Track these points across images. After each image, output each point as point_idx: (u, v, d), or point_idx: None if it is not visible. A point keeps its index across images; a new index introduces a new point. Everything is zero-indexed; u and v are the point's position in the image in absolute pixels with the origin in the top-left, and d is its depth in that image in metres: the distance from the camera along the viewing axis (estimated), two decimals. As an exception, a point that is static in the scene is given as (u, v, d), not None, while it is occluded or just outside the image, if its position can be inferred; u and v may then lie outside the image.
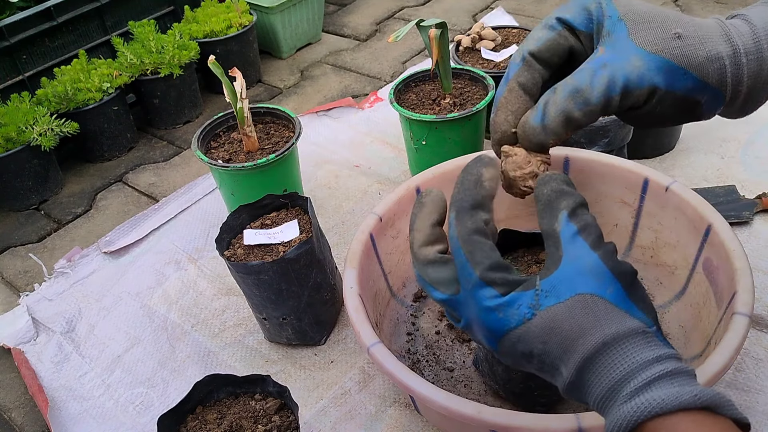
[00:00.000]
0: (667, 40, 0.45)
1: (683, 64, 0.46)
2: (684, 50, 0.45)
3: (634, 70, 0.46)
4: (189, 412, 0.72)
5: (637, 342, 0.42)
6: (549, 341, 0.44)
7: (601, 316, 0.43)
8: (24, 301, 1.02)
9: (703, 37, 0.46)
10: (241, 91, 0.99)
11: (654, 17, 0.46)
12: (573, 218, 0.45)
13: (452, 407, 0.61)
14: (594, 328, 0.43)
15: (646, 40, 0.46)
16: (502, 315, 0.44)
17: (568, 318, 0.43)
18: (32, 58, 1.33)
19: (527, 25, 1.55)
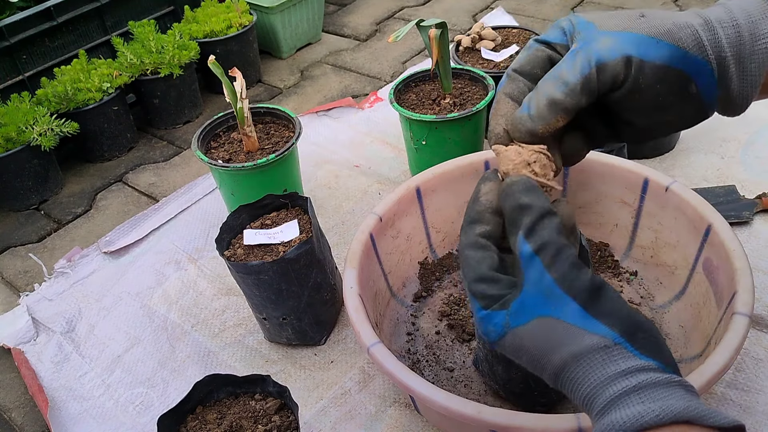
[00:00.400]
0: (633, 20, 0.48)
1: (652, 34, 0.47)
2: (650, 23, 0.47)
3: (604, 46, 0.47)
4: (189, 412, 0.72)
5: (596, 359, 0.42)
6: (521, 357, 0.45)
7: (558, 337, 0.43)
8: (24, 301, 1.02)
9: (669, 15, 0.47)
10: (241, 91, 0.99)
11: (618, 13, 0.49)
12: (530, 237, 0.45)
13: (452, 407, 0.61)
14: (553, 350, 0.43)
15: (612, 24, 0.48)
16: (485, 329, 0.46)
17: (531, 340, 0.44)
18: (32, 58, 1.33)
19: (527, 25, 1.55)
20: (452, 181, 0.91)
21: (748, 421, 0.74)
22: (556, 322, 0.43)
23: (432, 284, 0.92)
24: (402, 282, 0.91)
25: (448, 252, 0.96)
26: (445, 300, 0.90)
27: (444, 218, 0.93)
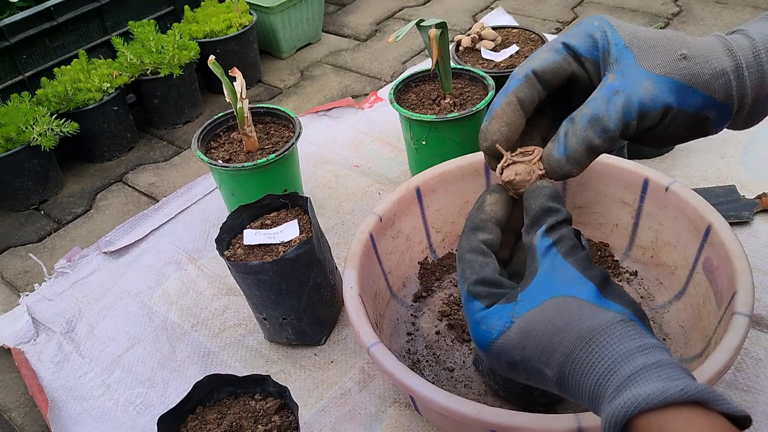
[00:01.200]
0: (674, 61, 0.47)
1: (692, 83, 0.47)
2: (691, 69, 0.47)
3: (647, 94, 0.47)
4: (189, 412, 0.72)
5: (615, 333, 0.42)
6: (527, 346, 0.45)
7: (574, 313, 0.43)
8: (24, 301, 1.02)
9: (707, 55, 0.47)
10: (241, 91, 0.99)
11: (658, 41, 0.48)
12: (549, 233, 0.47)
13: (452, 407, 0.61)
14: (569, 326, 0.43)
15: (654, 63, 0.47)
16: (486, 327, 0.46)
17: (543, 320, 0.44)
18: (32, 58, 1.33)
19: (527, 25, 1.55)
20: (452, 181, 0.91)
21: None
22: (572, 300, 0.44)
23: (432, 284, 0.92)
24: (402, 282, 0.91)
25: (448, 252, 0.96)
26: (445, 300, 0.90)
27: (444, 218, 0.93)
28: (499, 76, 1.11)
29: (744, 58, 0.47)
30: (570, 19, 1.64)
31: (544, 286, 0.45)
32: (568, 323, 0.43)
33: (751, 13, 1.55)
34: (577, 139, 0.48)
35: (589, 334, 0.42)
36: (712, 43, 0.48)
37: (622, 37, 0.48)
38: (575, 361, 0.42)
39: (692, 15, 1.58)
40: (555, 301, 0.44)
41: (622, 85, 0.47)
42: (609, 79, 0.48)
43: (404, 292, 0.91)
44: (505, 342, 0.45)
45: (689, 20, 1.56)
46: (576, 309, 0.43)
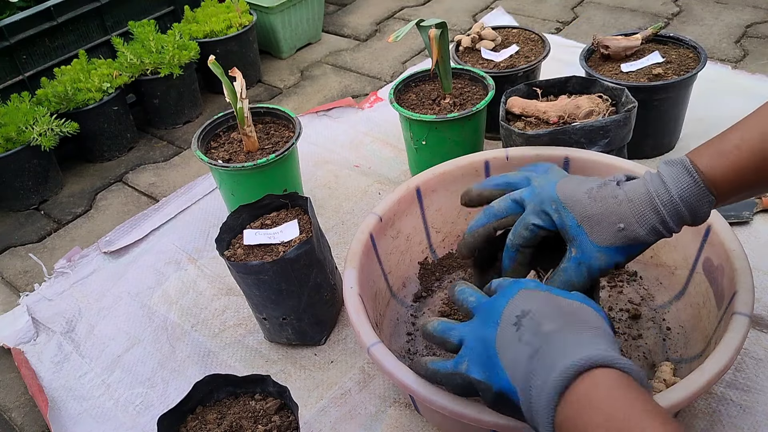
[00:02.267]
0: (615, 233, 0.62)
1: (631, 243, 0.63)
2: (628, 235, 0.62)
3: (602, 261, 0.64)
4: (189, 412, 0.72)
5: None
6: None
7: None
8: (24, 301, 1.02)
9: (639, 221, 0.62)
10: (241, 91, 0.99)
11: (602, 219, 0.63)
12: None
13: (453, 407, 0.61)
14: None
15: (601, 238, 0.63)
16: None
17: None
18: (32, 58, 1.33)
19: (527, 25, 1.55)
20: (452, 182, 0.91)
21: (748, 421, 0.74)
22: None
23: (432, 284, 0.92)
24: (402, 282, 0.91)
25: (448, 252, 0.95)
26: (445, 300, 0.90)
27: (444, 218, 0.93)
28: (498, 76, 1.11)
29: (667, 212, 0.61)
30: (570, 19, 1.64)
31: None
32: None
33: (751, 13, 1.55)
34: (553, 284, 0.65)
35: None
36: (642, 205, 0.62)
37: (574, 217, 0.64)
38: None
39: (692, 15, 1.58)
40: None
41: (583, 258, 0.64)
42: (572, 252, 0.65)
43: (404, 292, 0.91)
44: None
45: (689, 20, 1.56)
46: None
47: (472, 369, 0.55)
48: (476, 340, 0.56)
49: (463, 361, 0.57)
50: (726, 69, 1.34)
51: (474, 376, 0.55)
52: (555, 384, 0.47)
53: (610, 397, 0.45)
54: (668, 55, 1.11)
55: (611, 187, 0.64)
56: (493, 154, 0.90)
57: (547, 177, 0.70)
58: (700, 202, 0.61)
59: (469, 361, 0.56)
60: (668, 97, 1.06)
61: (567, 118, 0.94)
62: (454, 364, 0.58)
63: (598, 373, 0.46)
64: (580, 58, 1.13)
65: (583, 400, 0.46)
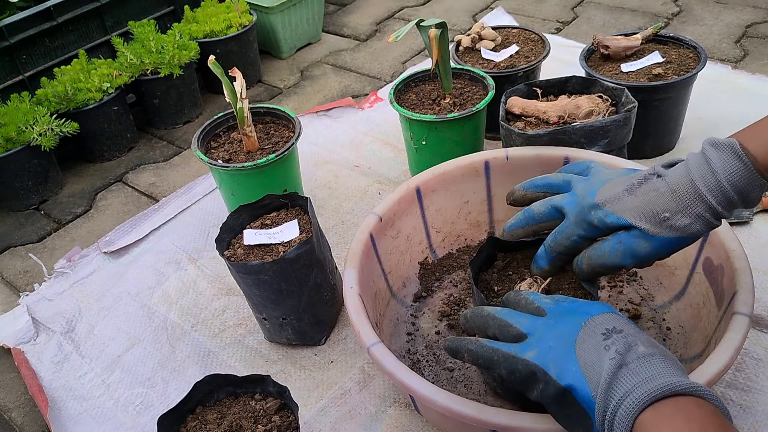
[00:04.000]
0: (659, 223, 0.61)
1: (674, 234, 0.61)
2: (672, 225, 0.60)
3: (642, 249, 0.62)
4: (189, 412, 0.72)
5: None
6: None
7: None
8: (24, 301, 1.02)
9: (683, 209, 0.60)
10: (241, 91, 0.99)
11: (647, 210, 0.61)
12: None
13: (453, 407, 0.61)
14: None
15: (645, 225, 0.61)
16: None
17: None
18: (32, 58, 1.33)
19: (527, 25, 1.55)
20: (452, 182, 0.91)
21: (748, 421, 0.74)
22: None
23: (432, 284, 0.92)
24: (402, 282, 0.91)
25: (448, 252, 0.95)
26: (445, 300, 0.90)
27: (444, 218, 0.93)
28: (498, 76, 1.11)
29: (714, 198, 0.58)
30: (570, 19, 1.64)
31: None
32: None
33: (751, 13, 1.55)
34: (586, 263, 0.67)
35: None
36: (687, 194, 0.60)
37: (617, 215, 0.63)
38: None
39: (692, 15, 1.58)
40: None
41: (624, 239, 0.63)
42: (613, 235, 0.64)
43: (404, 292, 0.91)
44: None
45: (689, 20, 1.56)
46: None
47: (541, 359, 0.54)
48: (552, 334, 0.56)
49: (530, 349, 0.56)
50: (726, 69, 1.34)
51: (541, 366, 0.54)
52: (647, 395, 0.47)
53: (699, 420, 0.46)
54: (668, 55, 1.11)
55: (652, 181, 0.62)
56: (493, 154, 0.91)
57: (589, 182, 0.68)
58: (751, 187, 0.58)
59: (539, 352, 0.55)
60: (668, 97, 1.06)
61: (567, 118, 0.94)
62: (520, 349, 0.56)
63: (690, 399, 0.47)
64: (580, 58, 1.13)
65: (674, 415, 0.47)
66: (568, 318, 0.57)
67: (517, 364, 0.56)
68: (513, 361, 0.56)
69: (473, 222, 0.95)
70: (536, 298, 0.62)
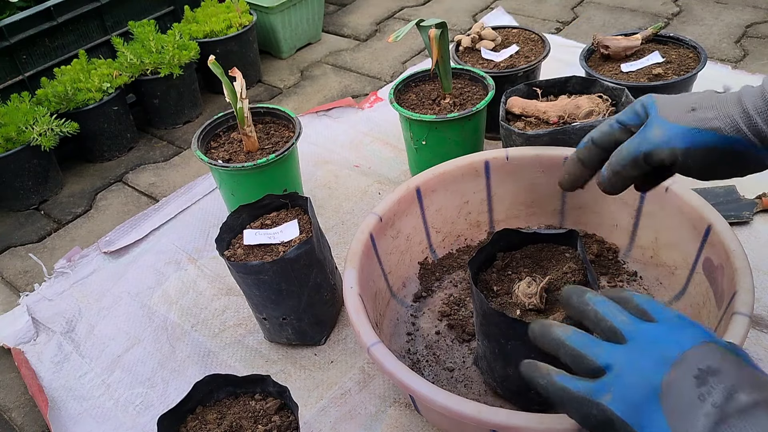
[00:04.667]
0: (684, 113, 0.60)
1: (697, 126, 0.59)
2: (696, 116, 0.59)
3: (656, 138, 0.61)
4: (189, 412, 0.72)
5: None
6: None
7: None
8: (24, 301, 1.02)
9: (714, 105, 0.59)
10: (241, 91, 0.99)
11: (678, 100, 0.61)
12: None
13: (453, 407, 0.61)
14: None
15: (668, 114, 0.61)
16: None
17: None
18: (32, 58, 1.33)
19: (527, 25, 1.55)
20: (452, 182, 0.91)
21: (748, 421, 0.73)
22: None
23: (432, 284, 0.92)
24: (402, 282, 0.91)
25: (447, 252, 0.95)
26: (445, 300, 0.90)
27: (444, 218, 0.93)
28: (499, 76, 1.11)
29: (752, 104, 0.58)
30: (570, 19, 1.64)
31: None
32: None
33: (751, 13, 1.55)
34: (609, 167, 0.66)
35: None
36: (727, 97, 0.59)
37: (655, 104, 0.63)
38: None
39: (692, 15, 1.58)
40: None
41: (641, 132, 0.63)
42: (640, 128, 0.64)
43: (404, 292, 0.91)
44: None
45: (689, 20, 1.56)
46: None
47: (619, 405, 0.45)
48: (633, 372, 0.46)
49: (607, 392, 0.46)
50: (726, 69, 1.34)
51: (619, 415, 0.45)
52: None
53: None
54: (668, 55, 1.11)
55: (705, 91, 0.62)
56: (493, 154, 0.91)
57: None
58: None
59: (617, 395, 0.46)
60: (668, 97, 1.06)
61: (567, 118, 0.94)
62: (595, 391, 0.47)
63: None
64: (580, 58, 1.13)
65: None
66: (654, 350, 0.47)
67: (591, 409, 0.47)
68: (584, 404, 0.47)
69: (473, 222, 0.95)
70: (610, 313, 0.50)
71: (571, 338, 0.50)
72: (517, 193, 0.93)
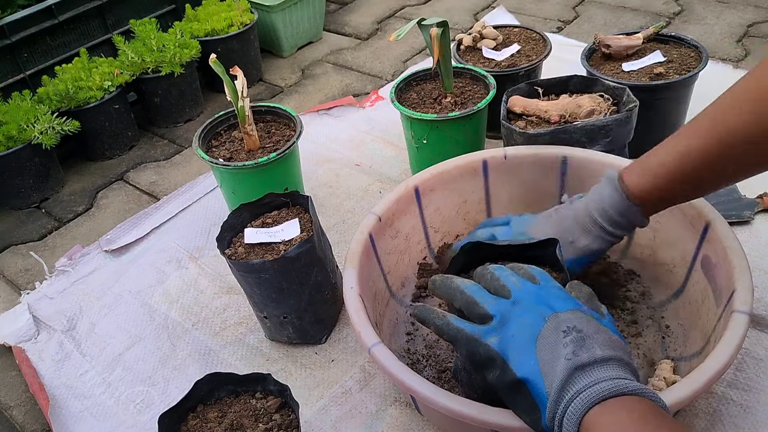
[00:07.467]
0: (567, 246, 0.74)
1: (584, 254, 0.76)
2: (578, 247, 0.75)
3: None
4: (190, 410, 0.72)
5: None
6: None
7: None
8: (25, 300, 1.03)
9: (583, 232, 0.74)
10: (242, 89, 0.99)
11: (559, 236, 0.73)
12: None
13: (454, 407, 0.61)
14: None
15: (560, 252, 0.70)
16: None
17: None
18: (33, 57, 1.33)
19: (528, 23, 1.55)
20: (451, 181, 0.91)
21: (748, 421, 0.74)
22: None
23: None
24: (401, 282, 0.91)
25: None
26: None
27: (442, 218, 0.93)
28: (500, 75, 1.11)
29: (606, 222, 0.73)
30: (571, 18, 1.64)
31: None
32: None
33: (753, 12, 1.55)
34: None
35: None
36: (584, 219, 0.74)
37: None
38: None
39: (693, 14, 1.58)
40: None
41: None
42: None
43: (403, 292, 0.91)
44: None
45: (690, 19, 1.56)
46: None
47: (502, 347, 0.56)
48: (516, 324, 0.57)
49: (493, 335, 0.57)
50: (727, 68, 1.34)
51: (500, 354, 0.56)
52: (596, 394, 0.50)
53: (639, 411, 0.50)
54: (669, 54, 1.11)
55: (563, 208, 0.76)
56: (491, 153, 0.91)
57: (520, 219, 0.81)
58: (631, 212, 0.71)
59: (501, 339, 0.57)
60: (669, 97, 1.06)
61: (568, 117, 0.94)
62: (484, 333, 0.58)
63: (634, 397, 0.50)
64: (582, 57, 1.13)
65: (618, 410, 0.50)
66: (534, 309, 0.58)
67: (478, 348, 0.57)
68: (475, 344, 0.58)
69: (471, 221, 0.95)
70: (503, 275, 0.62)
71: (469, 288, 0.61)
72: (516, 192, 0.93)
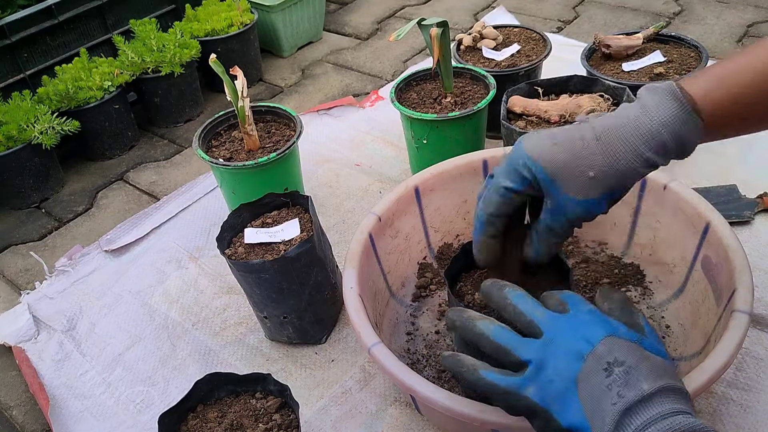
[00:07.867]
0: (585, 183, 0.58)
1: (607, 190, 0.59)
2: (601, 184, 0.58)
3: (579, 212, 0.60)
4: (190, 410, 0.72)
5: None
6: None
7: None
8: (25, 300, 1.03)
9: (610, 162, 0.57)
10: (242, 89, 0.99)
11: (572, 167, 0.58)
12: None
13: (454, 407, 0.61)
14: None
15: (575, 190, 0.59)
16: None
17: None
18: (33, 57, 1.33)
19: (528, 23, 1.55)
20: (450, 181, 0.91)
21: (748, 421, 0.74)
22: None
23: (431, 284, 0.92)
24: (401, 282, 0.91)
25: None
26: (444, 300, 0.90)
27: (442, 218, 0.93)
28: (500, 75, 1.11)
29: (645, 144, 0.58)
30: (571, 18, 1.64)
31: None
32: None
33: (753, 12, 1.55)
34: (541, 243, 0.64)
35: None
36: (613, 141, 0.57)
37: (544, 169, 0.59)
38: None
39: (694, 14, 1.58)
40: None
41: (558, 210, 0.60)
42: (548, 204, 0.61)
43: (403, 292, 0.91)
44: None
45: (691, 19, 1.56)
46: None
47: (541, 397, 0.51)
48: (554, 367, 0.51)
49: (530, 385, 0.52)
50: (727, 68, 1.33)
51: (541, 405, 0.51)
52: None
53: None
54: (669, 54, 1.11)
55: (578, 126, 0.59)
56: (491, 153, 0.90)
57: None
58: (688, 128, 0.56)
59: (539, 388, 0.51)
60: (669, 97, 1.06)
61: (568, 117, 0.94)
62: (520, 385, 0.52)
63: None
64: (582, 57, 1.13)
65: None
66: (570, 347, 0.52)
67: (517, 401, 0.52)
68: (513, 398, 0.52)
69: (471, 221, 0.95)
70: (527, 309, 0.55)
71: (495, 333, 0.55)
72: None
